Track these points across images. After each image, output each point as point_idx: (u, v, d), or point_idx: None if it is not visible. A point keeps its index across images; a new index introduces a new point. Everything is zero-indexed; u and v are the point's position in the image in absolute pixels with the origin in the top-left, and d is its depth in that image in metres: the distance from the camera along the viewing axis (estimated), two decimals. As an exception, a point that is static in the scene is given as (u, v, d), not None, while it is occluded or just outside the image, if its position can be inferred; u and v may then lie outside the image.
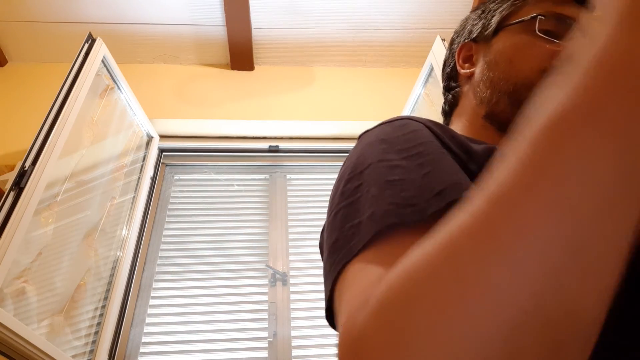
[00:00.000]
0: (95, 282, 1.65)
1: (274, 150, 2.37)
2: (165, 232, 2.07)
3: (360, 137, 0.49)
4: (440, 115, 0.72)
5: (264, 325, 1.84)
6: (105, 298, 1.69)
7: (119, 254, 1.81)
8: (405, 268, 0.26)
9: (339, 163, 2.31)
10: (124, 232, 1.87)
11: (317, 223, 2.13)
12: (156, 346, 1.78)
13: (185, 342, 1.79)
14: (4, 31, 2.28)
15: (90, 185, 1.69)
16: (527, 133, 0.24)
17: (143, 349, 1.75)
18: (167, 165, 2.30)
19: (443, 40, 1.74)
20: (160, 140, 2.26)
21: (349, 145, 2.33)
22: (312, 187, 2.31)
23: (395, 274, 0.26)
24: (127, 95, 1.97)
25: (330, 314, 0.41)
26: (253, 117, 2.27)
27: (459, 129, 0.62)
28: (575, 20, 0.57)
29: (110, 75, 1.86)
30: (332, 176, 2.29)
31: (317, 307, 1.90)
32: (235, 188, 2.27)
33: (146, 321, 1.81)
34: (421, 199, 0.35)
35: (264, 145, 2.37)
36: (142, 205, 2.01)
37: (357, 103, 2.35)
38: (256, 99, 2.33)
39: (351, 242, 0.35)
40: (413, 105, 2.00)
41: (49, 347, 1.28)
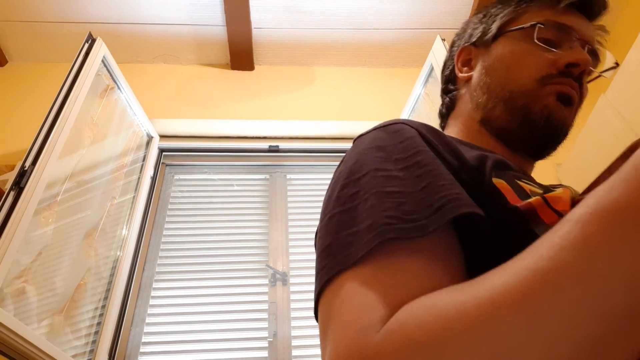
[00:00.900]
0: (95, 281, 1.65)
1: (274, 150, 2.37)
2: (165, 232, 2.07)
3: (355, 141, 0.49)
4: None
5: (264, 325, 1.84)
6: (106, 298, 1.69)
7: (119, 253, 1.81)
8: (440, 312, 0.27)
9: (338, 163, 2.31)
10: (124, 231, 1.87)
11: (317, 223, 2.12)
12: (156, 346, 1.78)
13: (185, 342, 1.79)
14: (4, 31, 2.28)
15: (90, 185, 1.69)
16: (586, 218, 0.25)
17: (143, 349, 1.75)
18: (167, 165, 2.30)
19: (443, 40, 1.74)
20: (160, 140, 2.26)
21: (349, 145, 2.33)
22: (312, 187, 2.30)
23: (426, 313, 0.27)
24: (127, 95, 1.97)
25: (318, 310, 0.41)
26: (253, 117, 2.27)
27: (454, 133, 0.62)
28: (575, 29, 0.57)
29: (111, 75, 1.86)
30: (332, 176, 2.28)
31: (317, 307, 1.90)
32: (235, 188, 2.27)
33: (146, 321, 1.81)
34: (421, 215, 0.35)
35: (264, 145, 2.37)
36: (142, 205, 2.01)
37: (357, 103, 2.35)
38: (256, 99, 2.33)
39: (347, 250, 0.35)
40: (413, 105, 2.00)
41: (49, 347, 1.28)
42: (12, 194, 1.26)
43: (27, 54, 2.35)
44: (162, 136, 2.28)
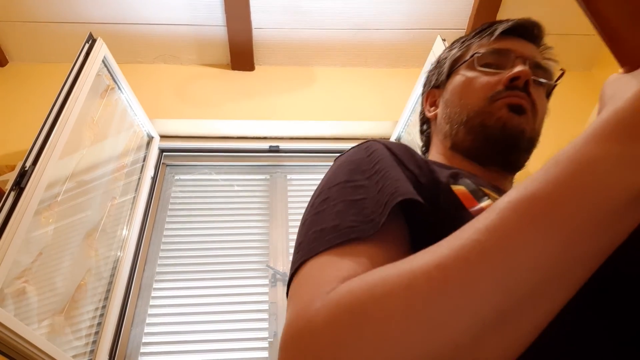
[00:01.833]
0: (95, 282, 1.65)
1: (274, 150, 2.37)
2: (165, 232, 2.07)
3: (335, 160, 0.56)
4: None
5: (264, 325, 1.84)
6: (106, 298, 1.69)
7: (119, 254, 1.81)
8: (367, 281, 0.31)
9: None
10: (124, 232, 1.87)
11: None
12: (156, 346, 1.78)
13: (185, 342, 1.79)
14: (4, 31, 2.28)
15: (90, 186, 1.69)
16: (502, 205, 0.30)
17: (143, 349, 1.75)
18: (167, 165, 2.30)
19: (443, 40, 1.74)
20: (160, 140, 2.26)
21: (349, 145, 2.32)
22: (313, 187, 2.26)
23: (357, 283, 0.31)
24: (127, 95, 1.97)
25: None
26: (253, 117, 2.27)
27: (435, 159, 0.69)
28: (512, 50, 0.64)
29: (111, 75, 1.86)
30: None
31: (318, 307, 1.90)
32: (236, 188, 2.27)
33: (147, 321, 1.81)
34: (375, 213, 0.40)
35: (264, 145, 2.37)
36: (143, 205, 2.01)
37: (357, 103, 2.35)
38: (256, 99, 2.33)
39: (312, 244, 0.40)
40: (413, 105, 2.00)
41: (50, 347, 1.28)
42: (12, 194, 1.26)
43: (28, 54, 2.35)
44: (163, 136, 2.28)
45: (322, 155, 2.38)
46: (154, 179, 2.18)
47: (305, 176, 2.34)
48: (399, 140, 2.15)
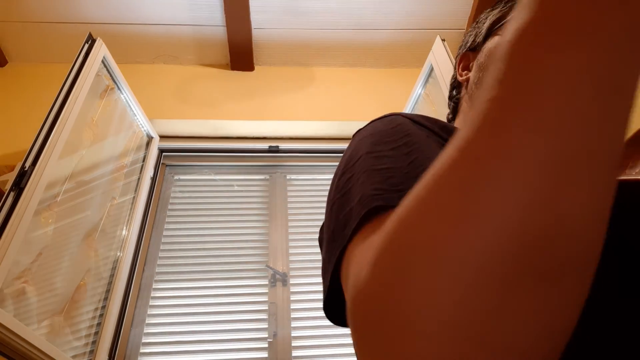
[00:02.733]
0: (95, 282, 1.65)
1: (274, 150, 2.37)
2: (165, 233, 2.07)
3: (354, 135, 0.52)
4: (438, 116, 0.74)
5: (264, 325, 1.84)
6: (106, 298, 1.69)
7: (119, 254, 1.81)
8: (397, 214, 0.26)
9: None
10: (124, 232, 1.87)
11: (317, 223, 2.13)
12: (156, 346, 1.78)
13: (185, 342, 1.79)
14: (4, 31, 2.28)
15: (90, 186, 1.69)
16: (501, 59, 0.23)
17: (143, 349, 1.75)
18: (167, 165, 2.30)
19: (443, 40, 1.74)
20: (160, 140, 2.26)
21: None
22: (312, 187, 2.31)
23: (389, 223, 0.26)
24: (127, 95, 1.97)
25: (328, 307, 0.42)
26: (253, 117, 2.27)
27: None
28: None
29: (111, 75, 1.86)
30: (332, 176, 2.29)
31: (317, 307, 1.90)
32: (235, 188, 2.27)
33: (146, 321, 1.81)
34: (407, 185, 0.36)
35: (264, 145, 2.37)
36: (142, 206, 2.01)
37: (357, 103, 2.35)
38: (256, 99, 2.33)
39: (345, 228, 0.37)
40: (413, 105, 2.00)
41: (49, 348, 1.28)
42: (12, 194, 1.26)
43: (27, 54, 2.35)
44: (162, 136, 2.28)
45: (322, 155, 2.38)
46: (154, 179, 2.18)
47: (304, 176, 2.34)
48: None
